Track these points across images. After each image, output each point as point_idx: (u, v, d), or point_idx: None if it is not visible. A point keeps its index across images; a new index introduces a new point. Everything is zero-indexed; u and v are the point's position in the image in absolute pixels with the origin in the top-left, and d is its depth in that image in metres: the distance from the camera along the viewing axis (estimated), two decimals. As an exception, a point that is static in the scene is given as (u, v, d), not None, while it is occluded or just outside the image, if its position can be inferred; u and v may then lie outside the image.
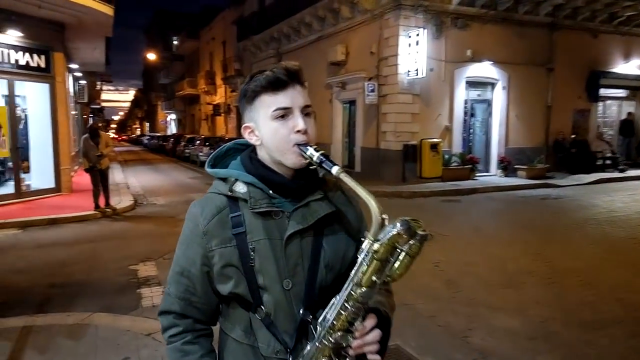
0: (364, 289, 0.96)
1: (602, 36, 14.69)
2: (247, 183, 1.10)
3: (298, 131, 1.05)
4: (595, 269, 5.37)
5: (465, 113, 13.50)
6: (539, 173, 12.81)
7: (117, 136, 74.03)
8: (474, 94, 13.72)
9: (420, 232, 0.93)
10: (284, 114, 1.06)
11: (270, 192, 1.10)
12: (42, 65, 10.03)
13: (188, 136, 25.96)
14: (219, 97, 29.71)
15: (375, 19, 13.18)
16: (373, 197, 0.96)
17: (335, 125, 15.58)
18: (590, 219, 8.15)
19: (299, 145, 1.05)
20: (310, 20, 16.22)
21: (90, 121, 24.21)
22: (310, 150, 1.03)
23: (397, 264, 0.95)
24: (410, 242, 0.93)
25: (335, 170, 0.98)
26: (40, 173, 10.33)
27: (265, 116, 1.07)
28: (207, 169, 1.17)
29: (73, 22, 10.32)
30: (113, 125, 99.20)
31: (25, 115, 10.52)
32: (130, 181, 14.28)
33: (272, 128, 1.06)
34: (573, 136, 14.31)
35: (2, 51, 9.12)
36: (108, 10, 10.03)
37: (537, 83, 13.97)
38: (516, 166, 13.18)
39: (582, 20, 14.15)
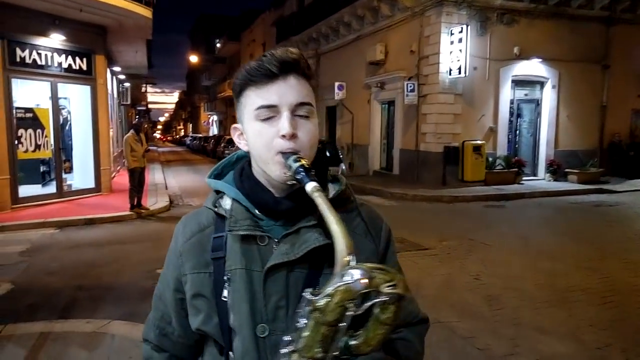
0: None
1: (664, 30, 13.59)
2: (232, 199, 0.89)
3: (283, 136, 0.81)
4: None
5: (511, 113, 12.82)
6: (592, 177, 11.96)
7: (162, 137, 76.36)
8: (521, 93, 13.01)
9: (386, 290, 0.66)
10: (270, 114, 0.82)
11: (257, 212, 0.87)
12: (84, 67, 10.25)
13: (227, 137, 26.25)
14: (258, 99, 29.89)
15: (416, 17, 12.73)
16: (343, 230, 0.71)
17: (373, 127, 15.21)
18: (651, 230, 7.44)
19: (283, 153, 0.81)
20: (349, 19, 15.94)
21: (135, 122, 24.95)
22: (290, 160, 0.79)
23: (362, 333, 0.70)
24: (381, 300, 0.67)
25: (309, 187, 0.75)
26: (81, 173, 10.57)
27: (249, 116, 0.85)
28: (207, 179, 0.96)
29: (114, 25, 10.51)
30: (159, 127, 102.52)
31: (69, 117, 10.80)
32: (169, 181, 14.47)
33: (255, 131, 0.84)
34: (631, 138, 13.29)
35: (46, 54, 9.36)
36: (147, 13, 10.14)
37: (590, 81, 13.08)
38: (567, 170, 12.37)
39: (642, 13, 13.14)
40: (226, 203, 0.89)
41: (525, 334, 3.70)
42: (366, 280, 0.65)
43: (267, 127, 0.82)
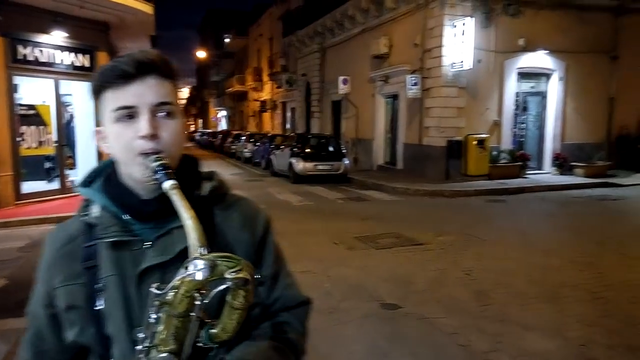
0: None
1: (676, 20, 13.24)
2: (101, 205, 0.88)
3: (143, 136, 0.80)
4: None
5: (517, 107, 12.64)
6: (599, 171, 11.76)
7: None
8: (527, 86, 12.82)
9: (230, 276, 0.69)
10: (130, 114, 0.82)
11: (126, 216, 0.86)
12: (87, 64, 10.32)
13: (234, 132, 26.34)
14: (265, 94, 29.92)
15: (420, 9, 12.59)
16: (196, 224, 0.74)
17: (377, 121, 15.13)
18: (654, 224, 7.30)
19: (144, 154, 0.80)
20: (353, 12, 15.83)
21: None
22: (149, 160, 0.80)
23: (219, 321, 0.73)
24: (228, 286, 0.70)
25: (166, 185, 0.77)
26: (84, 169, 10.65)
27: (108, 118, 0.84)
28: (79, 188, 0.94)
29: (116, 22, 10.56)
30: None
31: (72, 113, 10.90)
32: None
33: (115, 133, 0.83)
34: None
35: (48, 51, 9.44)
36: (148, 9, 10.17)
37: (598, 73, 12.83)
38: (573, 163, 12.18)
39: (653, 2, 12.82)
40: (95, 211, 0.88)
41: (509, 330, 3.66)
42: (206, 269, 0.68)
43: (126, 129, 0.81)
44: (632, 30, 12.71)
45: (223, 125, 45.02)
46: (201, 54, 37.43)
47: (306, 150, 12.81)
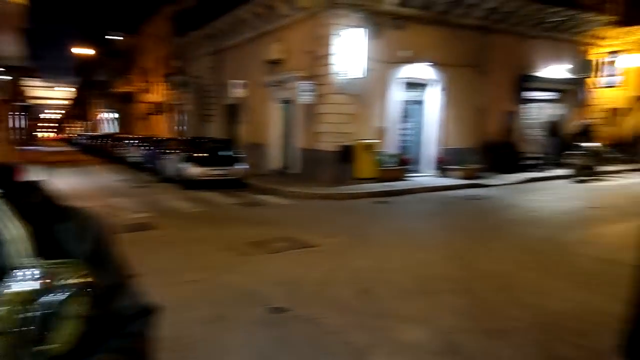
0: None
1: (530, 40, 15.22)
2: None
3: None
4: (511, 272, 5.36)
5: (402, 114, 13.56)
6: (471, 173, 13.07)
7: (55, 135, 70.13)
8: (411, 94, 13.81)
9: (62, 283, 0.67)
10: None
11: None
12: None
13: (122, 136, 24.74)
14: (156, 96, 28.52)
15: (311, 17, 12.95)
16: (25, 232, 0.71)
17: (273, 125, 15.23)
18: (512, 219, 8.31)
19: None
20: (246, 17, 15.78)
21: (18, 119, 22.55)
22: None
23: (55, 333, 0.69)
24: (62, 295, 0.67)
25: None
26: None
27: None
28: None
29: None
30: (50, 124, 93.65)
31: None
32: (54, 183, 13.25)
33: None
34: (505, 137, 14.75)
35: None
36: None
37: (472, 85, 14.27)
38: (451, 167, 13.39)
39: (512, 24, 14.60)
40: None
41: (388, 324, 3.92)
42: (39, 277, 0.66)
43: None
44: (497, 48, 14.35)
45: (110, 128, 41.97)
46: (82, 50, 34.52)
47: (199, 155, 12.47)
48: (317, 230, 7.32)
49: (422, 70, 13.48)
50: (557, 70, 15.93)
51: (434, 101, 13.95)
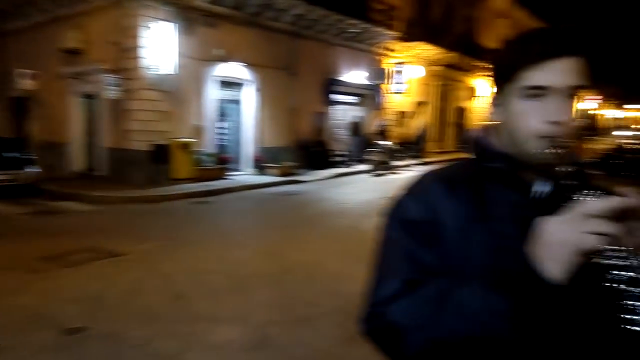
0: None
1: (335, 48, 16.67)
2: None
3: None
4: (321, 261, 5.80)
5: (220, 113, 13.47)
6: (287, 171, 13.73)
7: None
8: (227, 93, 13.79)
9: None
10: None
11: None
12: None
13: None
14: None
15: (116, 6, 11.87)
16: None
17: (72, 123, 13.53)
18: (323, 212, 9.02)
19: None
20: (35, -3, 13.66)
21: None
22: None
23: None
24: None
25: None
26: None
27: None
28: None
29: None
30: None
31: None
32: None
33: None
34: (315, 136, 15.89)
35: None
36: None
37: (285, 86, 14.93)
38: (269, 165, 13.83)
39: (318, 32, 15.77)
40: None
41: (201, 327, 3.87)
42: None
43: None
44: (305, 52, 15.34)
45: None
46: None
47: (-28, 157, 10.34)
48: (125, 237, 6.78)
49: (237, 70, 13.59)
50: (358, 76, 17.80)
51: (250, 101, 14.21)
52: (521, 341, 0.75)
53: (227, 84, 13.60)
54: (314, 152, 15.30)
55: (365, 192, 11.55)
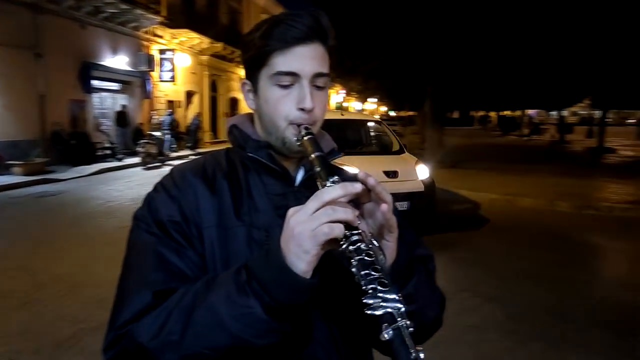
0: None
1: (90, 28, 14.81)
2: None
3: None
4: (87, 270, 5.12)
5: None
6: (38, 168, 11.70)
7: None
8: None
9: None
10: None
11: None
12: None
13: None
14: None
15: None
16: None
17: None
18: (89, 213, 8.01)
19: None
20: None
21: None
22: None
23: None
24: None
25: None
26: None
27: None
28: None
29: None
30: None
31: None
32: None
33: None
34: (73, 127, 13.92)
35: None
36: None
37: (26, 69, 12.53)
38: (9, 162, 11.49)
39: (68, 8, 13.74)
40: None
41: None
42: None
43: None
44: (52, 30, 13.17)
45: None
46: None
47: None
48: None
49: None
50: (122, 61, 16.31)
51: (-22, 85, 11.51)
52: (275, 339, 0.70)
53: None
54: (73, 146, 13.41)
55: (137, 187, 10.73)
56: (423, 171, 6.50)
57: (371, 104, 51.10)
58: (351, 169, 1.14)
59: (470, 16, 10.59)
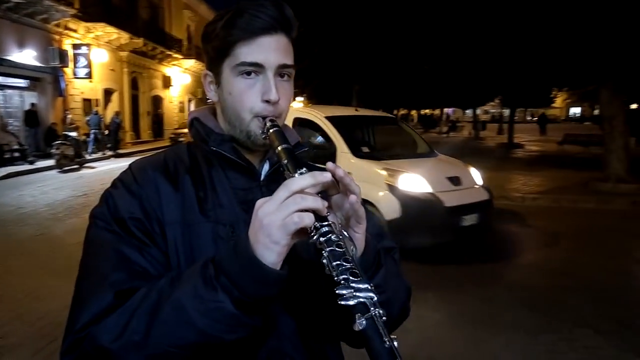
0: None
1: (-7, 19, 13.50)
2: None
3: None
4: (-2, 282, 4.70)
5: None
6: None
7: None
8: None
9: None
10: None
11: None
12: None
13: None
14: None
15: None
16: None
17: None
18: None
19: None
20: None
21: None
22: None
23: None
24: None
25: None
26: None
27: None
28: None
29: None
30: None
31: None
32: None
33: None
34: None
35: None
36: None
37: None
38: None
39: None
40: None
41: None
42: None
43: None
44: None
45: None
46: None
47: None
48: None
49: None
50: (32, 56, 15.01)
51: None
52: (245, 333, 0.69)
53: None
54: None
55: (52, 191, 9.96)
56: (478, 175, 5.56)
57: (298, 102, 51.68)
58: (415, 177, 1.17)
59: (394, 20, 11.03)
